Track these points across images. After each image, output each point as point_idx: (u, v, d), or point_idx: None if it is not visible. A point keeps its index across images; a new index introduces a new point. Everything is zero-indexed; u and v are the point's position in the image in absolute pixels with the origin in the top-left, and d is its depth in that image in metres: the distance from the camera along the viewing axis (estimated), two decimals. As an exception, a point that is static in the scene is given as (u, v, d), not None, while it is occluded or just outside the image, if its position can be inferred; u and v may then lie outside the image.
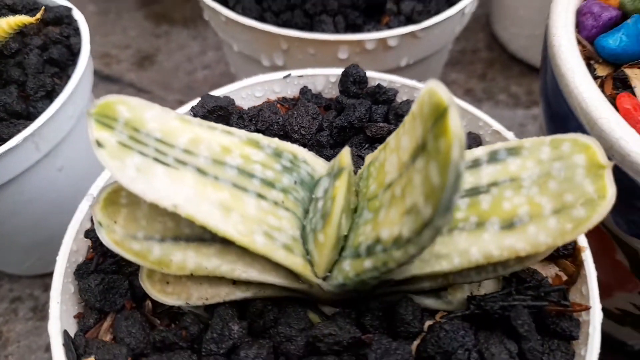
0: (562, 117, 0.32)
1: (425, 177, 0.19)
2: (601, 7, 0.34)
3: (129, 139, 0.23)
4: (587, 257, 0.28)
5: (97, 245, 0.30)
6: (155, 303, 0.28)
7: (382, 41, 0.40)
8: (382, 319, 0.26)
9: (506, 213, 0.24)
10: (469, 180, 0.25)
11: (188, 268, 0.25)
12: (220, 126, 0.26)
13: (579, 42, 0.34)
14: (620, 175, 0.29)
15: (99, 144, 0.22)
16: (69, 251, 0.29)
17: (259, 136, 0.27)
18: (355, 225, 0.25)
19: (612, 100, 0.31)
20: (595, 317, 0.26)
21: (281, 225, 0.25)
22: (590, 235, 0.36)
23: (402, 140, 0.23)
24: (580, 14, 0.35)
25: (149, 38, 0.73)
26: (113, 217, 0.25)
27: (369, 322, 0.26)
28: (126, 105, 0.24)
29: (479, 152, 0.26)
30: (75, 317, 0.29)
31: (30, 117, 0.37)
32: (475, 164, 0.26)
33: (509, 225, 0.23)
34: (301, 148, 0.28)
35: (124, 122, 0.23)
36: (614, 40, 0.32)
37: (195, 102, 0.35)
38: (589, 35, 0.34)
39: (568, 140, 0.24)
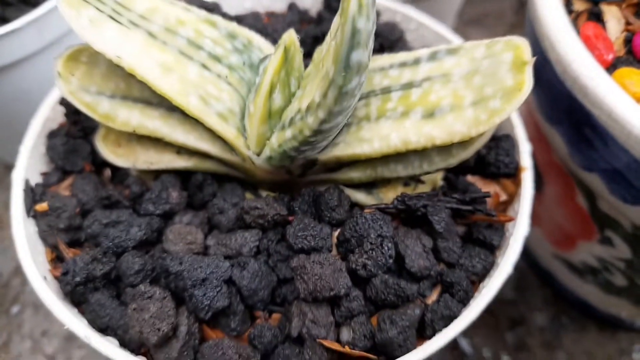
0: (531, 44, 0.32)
1: (336, 43, 0.20)
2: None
3: (88, -5, 0.25)
4: (527, 177, 0.28)
5: (69, 113, 0.32)
6: (113, 171, 0.31)
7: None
8: (311, 204, 0.28)
9: (430, 104, 0.24)
10: (406, 76, 0.26)
11: (131, 125, 0.26)
12: (181, 3, 0.28)
13: (564, -24, 0.33)
14: (571, 102, 0.29)
15: (60, -6, 0.24)
16: (44, 118, 0.32)
17: (217, 18, 0.28)
18: (290, 105, 0.26)
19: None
20: (519, 230, 0.26)
21: (220, 96, 0.26)
22: (554, 178, 0.36)
23: (333, 24, 0.24)
24: (569, -52, 0.34)
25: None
26: (72, 71, 0.27)
27: (297, 206, 0.27)
28: (92, -32, 0.26)
29: (422, 51, 0.26)
30: (42, 174, 0.31)
31: (38, 5, 0.40)
32: (416, 62, 0.26)
33: (430, 114, 0.24)
34: (258, 36, 0.29)
35: (86, -19, 0.25)
36: (593, -26, 0.32)
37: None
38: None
39: (502, 41, 0.24)
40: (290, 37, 0.25)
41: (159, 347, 0.24)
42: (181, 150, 0.28)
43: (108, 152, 0.29)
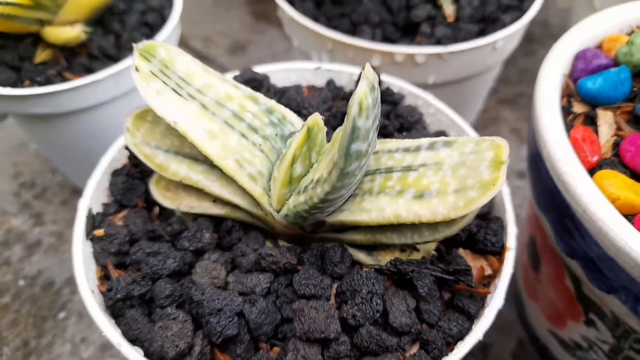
0: (530, 139, 0.36)
1: (341, 135, 0.25)
2: (595, 54, 0.38)
3: (159, 71, 0.32)
4: (509, 256, 0.32)
5: (131, 157, 0.39)
6: (161, 210, 0.37)
7: (410, 56, 0.47)
8: (318, 257, 0.32)
9: (422, 186, 0.29)
10: (407, 160, 0.31)
11: (179, 175, 0.33)
12: (231, 80, 0.34)
13: (566, 82, 0.38)
14: (557, 195, 0.33)
15: (137, 69, 0.31)
16: (111, 158, 0.39)
17: (259, 95, 0.34)
18: (307, 174, 0.31)
19: (577, 133, 0.34)
20: (494, 302, 0.30)
21: (253, 160, 0.32)
22: (548, 260, 0.40)
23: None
24: (576, 57, 0.39)
25: (247, 31, 0.84)
26: (138, 127, 0.33)
27: (306, 257, 0.32)
28: (165, 49, 0.33)
29: (423, 141, 0.31)
30: (102, 204, 0.38)
31: (119, 62, 0.48)
32: (417, 149, 0.31)
33: (420, 195, 0.29)
34: (292, 113, 0.35)
35: (159, 59, 0.32)
36: (592, 83, 0.36)
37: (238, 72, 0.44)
38: (578, 77, 0.38)
39: (488, 140, 0.29)
40: (314, 119, 0.31)
41: (175, 362, 0.29)
42: (217, 200, 0.34)
43: (158, 194, 0.35)
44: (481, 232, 0.33)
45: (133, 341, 0.30)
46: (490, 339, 0.49)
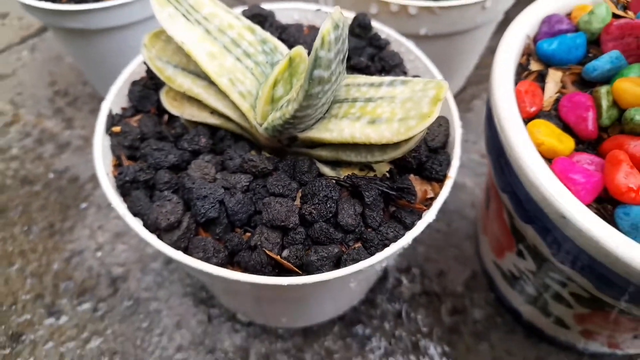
0: (487, 95, 0.42)
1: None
2: (559, 19, 0.43)
3: (173, -2, 0.38)
4: (448, 184, 0.39)
5: (148, 71, 0.46)
6: (169, 117, 0.44)
7: (403, 7, 0.52)
8: (291, 167, 0.39)
9: (376, 114, 0.35)
10: (370, 93, 0.37)
11: (184, 87, 0.39)
12: (234, 12, 0.40)
13: (529, 43, 0.43)
14: (497, 139, 0.39)
15: (155, -6, 0.37)
16: (132, 70, 0.46)
17: (256, 26, 0.40)
18: (286, 95, 0.38)
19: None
20: (425, 218, 0.37)
21: (244, 81, 0.38)
22: (493, 198, 0.46)
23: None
24: (542, 21, 0.44)
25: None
26: (154, 44, 0.40)
27: (281, 166, 0.39)
28: (182, -21, 0.39)
29: (386, 78, 0.37)
30: (121, 108, 0.45)
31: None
32: (380, 84, 0.37)
33: (372, 121, 0.35)
34: (283, 44, 0.41)
35: (175, -12, 0.38)
36: (548, 44, 0.41)
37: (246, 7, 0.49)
38: (540, 39, 0.43)
39: (434, 81, 0.34)
40: (297, 50, 0.37)
41: (166, 232, 0.36)
42: (214, 112, 0.41)
43: (167, 102, 0.42)
44: (429, 162, 0.40)
45: (135, 214, 0.38)
46: (448, 266, 0.57)
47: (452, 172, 0.39)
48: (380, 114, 0.35)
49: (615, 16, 0.44)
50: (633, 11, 0.44)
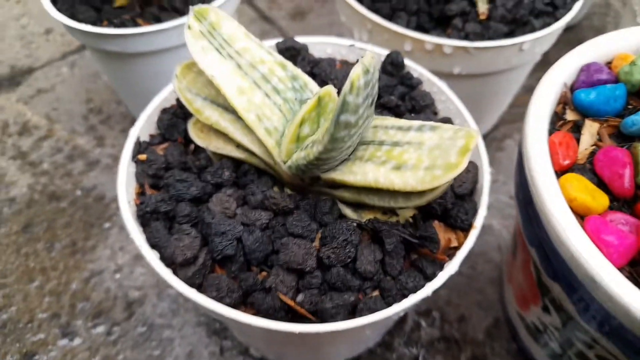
0: (519, 144, 0.40)
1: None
2: (598, 68, 0.41)
3: (207, 31, 0.38)
4: (473, 234, 0.37)
5: (178, 100, 0.46)
6: (195, 147, 0.44)
7: (438, 46, 0.51)
8: (312, 206, 0.39)
9: (402, 160, 0.34)
10: (398, 137, 0.36)
11: (211, 120, 0.39)
12: (266, 47, 0.40)
13: (565, 91, 0.41)
14: (526, 188, 0.37)
15: (189, 27, 0.38)
16: (163, 98, 0.46)
17: (288, 62, 0.40)
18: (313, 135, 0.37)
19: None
20: (448, 270, 0.35)
21: (271, 117, 0.38)
22: (521, 248, 0.44)
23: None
24: (581, 70, 0.42)
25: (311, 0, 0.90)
26: (185, 76, 0.40)
27: (302, 204, 0.39)
28: (215, 13, 0.39)
29: (415, 123, 0.36)
30: (150, 135, 0.45)
31: (183, 16, 0.55)
32: (408, 129, 0.36)
33: (398, 167, 0.34)
34: (313, 82, 0.41)
35: (209, 22, 0.38)
36: (585, 95, 0.39)
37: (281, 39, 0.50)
38: (578, 87, 0.41)
39: (465, 130, 0.33)
40: (327, 90, 0.36)
41: (182, 267, 0.36)
42: (239, 146, 0.40)
43: (194, 134, 0.42)
44: (455, 209, 0.38)
45: (152, 246, 0.38)
46: (469, 312, 0.55)
47: (478, 222, 0.38)
48: (407, 160, 0.34)
49: (658, 68, 0.42)
50: (678, 63, 0.43)
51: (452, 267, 0.36)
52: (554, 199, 0.34)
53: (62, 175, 0.66)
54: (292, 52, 0.49)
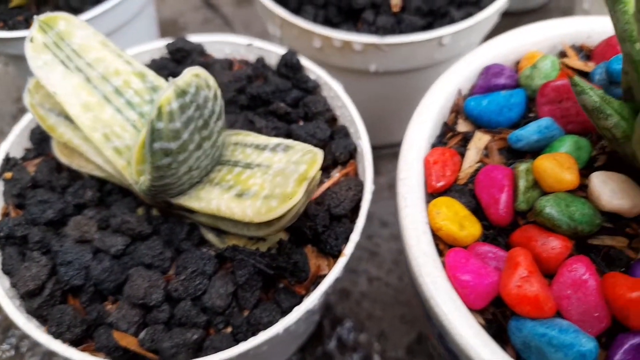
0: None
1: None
2: (498, 71, 0.36)
3: (52, 43, 0.35)
4: (340, 262, 0.34)
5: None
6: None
7: (347, 43, 0.47)
8: (171, 231, 0.36)
9: (247, 186, 0.31)
10: (252, 157, 0.33)
11: (64, 138, 0.36)
12: (126, 55, 0.37)
13: (459, 98, 0.37)
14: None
15: (31, 40, 0.34)
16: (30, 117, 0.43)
17: (149, 72, 0.37)
18: (164, 155, 0.34)
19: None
20: (304, 304, 0.32)
21: (123, 135, 0.35)
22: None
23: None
24: (481, 72, 0.38)
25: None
26: (38, 90, 0.37)
27: (162, 229, 0.36)
28: (66, 21, 0.36)
29: (273, 141, 0.33)
30: (25, 149, 0.43)
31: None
32: (264, 148, 0.33)
33: (241, 194, 0.31)
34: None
35: (56, 32, 0.35)
36: (475, 103, 0.35)
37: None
38: (475, 93, 0.37)
39: (312, 152, 0.30)
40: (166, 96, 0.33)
41: (27, 298, 0.34)
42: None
43: (58, 150, 0.39)
44: (325, 233, 0.35)
45: (6, 273, 0.35)
46: (392, 327, 0.51)
47: (348, 250, 0.34)
48: (251, 186, 0.31)
49: (569, 68, 0.37)
50: (595, 62, 0.38)
51: (309, 301, 0.32)
52: (415, 228, 0.30)
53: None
54: (183, 54, 0.45)
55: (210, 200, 0.32)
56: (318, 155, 0.29)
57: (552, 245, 0.28)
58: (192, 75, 0.28)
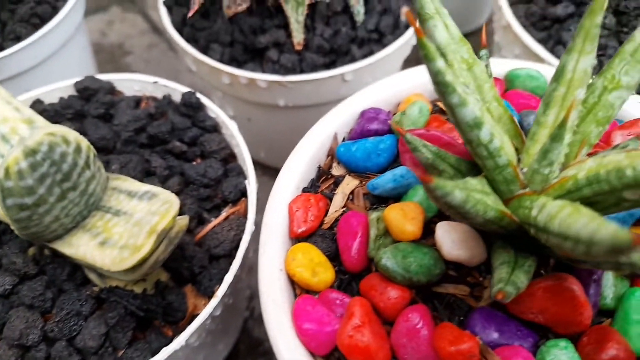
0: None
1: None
2: (373, 116, 0.38)
3: (-61, 91, 0.36)
4: (210, 304, 0.35)
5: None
6: None
7: (252, 80, 0.48)
8: (55, 271, 0.37)
9: (111, 234, 0.32)
10: (123, 204, 0.34)
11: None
12: (16, 102, 0.38)
13: (335, 142, 0.39)
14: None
15: None
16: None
17: (38, 118, 0.38)
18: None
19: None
20: (171, 345, 0.34)
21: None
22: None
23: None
24: (359, 115, 0.39)
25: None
26: None
27: (49, 270, 0.37)
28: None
29: (144, 188, 0.34)
30: None
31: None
32: (134, 195, 0.34)
33: (104, 242, 0.32)
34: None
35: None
36: (345, 149, 0.37)
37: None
38: (351, 138, 0.39)
39: (169, 204, 0.31)
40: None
41: None
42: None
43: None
44: (201, 274, 0.37)
45: None
46: None
47: (220, 291, 0.36)
48: (113, 235, 0.32)
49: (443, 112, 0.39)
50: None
51: (177, 342, 0.34)
52: (270, 274, 0.32)
53: None
54: (90, 92, 0.47)
55: (79, 246, 0.33)
56: (173, 206, 0.31)
57: (389, 295, 0.30)
58: (44, 134, 0.29)
